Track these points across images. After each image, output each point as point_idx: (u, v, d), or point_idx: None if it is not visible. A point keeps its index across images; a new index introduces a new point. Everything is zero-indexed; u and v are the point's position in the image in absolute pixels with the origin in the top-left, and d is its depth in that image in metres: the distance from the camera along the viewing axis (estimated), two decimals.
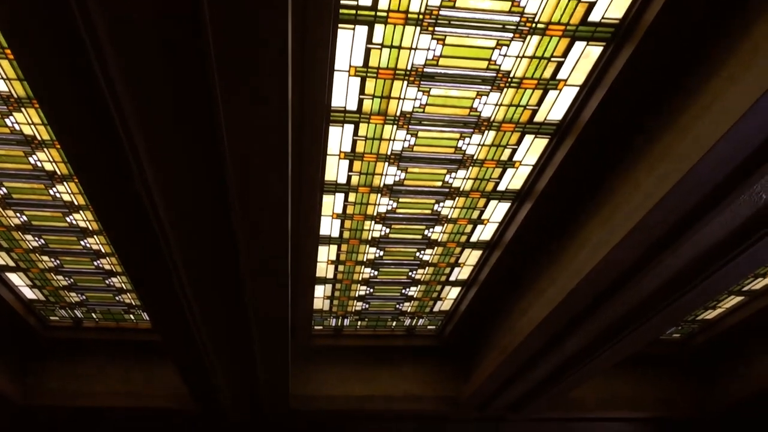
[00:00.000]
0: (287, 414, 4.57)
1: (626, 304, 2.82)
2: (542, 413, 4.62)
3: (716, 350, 4.34)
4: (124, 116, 1.78)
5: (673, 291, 2.65)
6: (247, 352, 3.33)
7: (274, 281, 2.61)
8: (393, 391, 4.48)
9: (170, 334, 3.15)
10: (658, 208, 2.06)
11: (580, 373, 3.67)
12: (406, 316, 4.19)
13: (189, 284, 2.67)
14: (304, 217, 2.91)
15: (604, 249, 2.37)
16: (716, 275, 2.48)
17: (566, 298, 2.73)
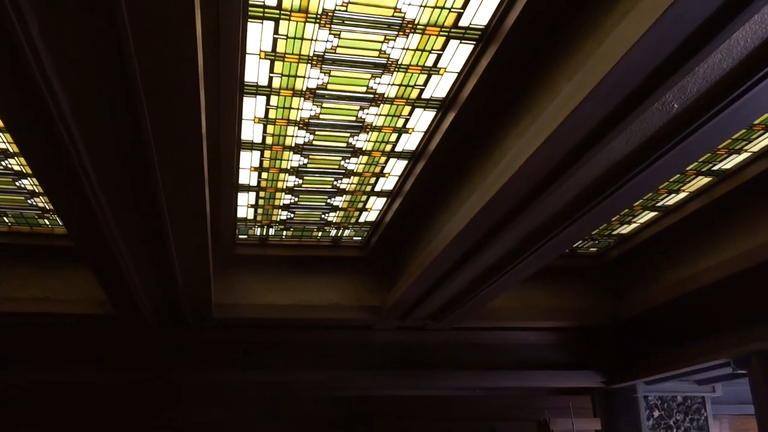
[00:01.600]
0: (211, 323, 4.58)
1: (542, 214, 2.88)
2: (462, 323, 4.76)
3: (629, 263, 4.52)
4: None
5: (587, 201, 2.72)
6: (164, 258, 3.28)
7: (190, 183, 2.54)
8: (318, 301, 4.53)
9: (83, 239, 3.06)
10: (571, 118, 2.07)
11: (499, 283, 3.77)
12: (331, 226, 4.19)
13: (100, 188, 2.57)
14: (224, 120, 2.82)
15: (520, 159, 2.39)
16: (629, 185, 2.54)
17: (484, 208, 2.76)
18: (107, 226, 2.88)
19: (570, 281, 4.79)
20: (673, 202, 3.84)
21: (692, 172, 3.52)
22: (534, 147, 2.29)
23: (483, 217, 2.86)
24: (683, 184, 3.63)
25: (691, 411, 4.95)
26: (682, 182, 3.61)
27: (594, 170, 2.46)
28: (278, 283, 4.50)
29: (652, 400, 4.93)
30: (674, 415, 4.92)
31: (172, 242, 3.06)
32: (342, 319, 4.64)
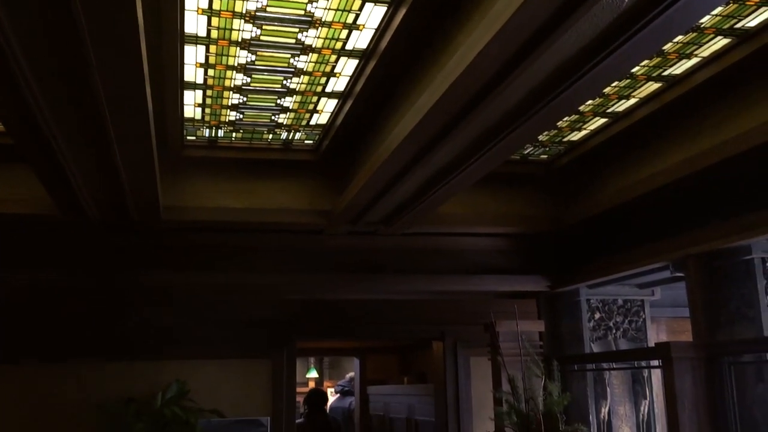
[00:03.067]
0: (159, 226, 4.54)
1: (493, 114, 2.87)
2: (413, 228, 4.81)
3: (578, 170, 4.58)
4: None
5: (538, 99, 2.71)
6: (108, 157, 3.19)
7: (129, 77, 2.45)
8: (269, 204, 4.51)
9: (21, 136, 2.95)
10: (519, 13, 2.03)
11: (449, 186, 3.80)
12: (282, 129, 4.13)
13: (34, 79, 2.47)
14: (165, 11, 2.70)
15: (469, 56, 2.35)
16: (577, 84, 2.54)
17: (434, 107, 2.74)
18: (45, 122, 2.79)
19: (520, 188, 4.85)
20: (623, 108, 3.87)
21: (642, 78, 3.53)
22: (482, 43, 2.25)
23: (433, 116, 2.84)
24: (633, 89, 3.64)
25: (630, 313, 5.16)
26: (632, 87, 3.63)
27: (544, 68, 2.44)
28: (229, 187, 4.46)
29: (593, 303, 5.12)
30: (614, 317, 5.13)
31: (114, 140, 2.97)
32: (293, 223, 4.65)
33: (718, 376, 3.64)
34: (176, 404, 4.93)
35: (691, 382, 3.64)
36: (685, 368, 3.65)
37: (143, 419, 4.75)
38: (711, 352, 3.67)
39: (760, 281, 3.53)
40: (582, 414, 4.89)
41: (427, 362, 7.41)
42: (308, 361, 13.90)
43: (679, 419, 3.59)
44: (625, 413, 4.96)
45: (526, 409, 4.43)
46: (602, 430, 4.91)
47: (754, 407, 3.49)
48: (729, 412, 3.57)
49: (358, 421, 9.26)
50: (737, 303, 3.63)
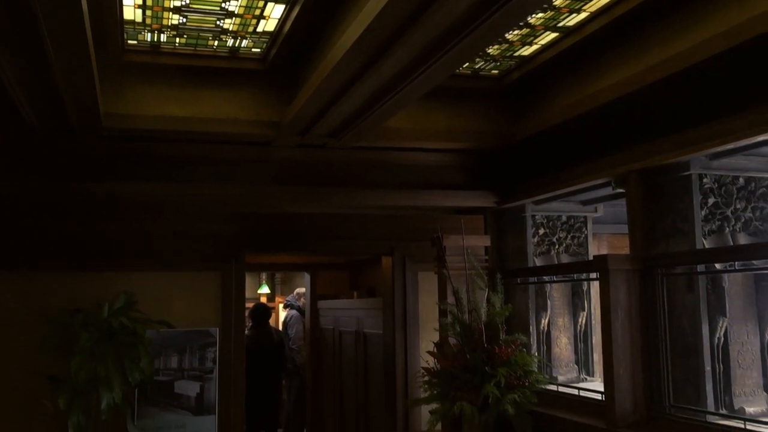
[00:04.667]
0: (101, 133, 4.41)
1: (440, 23, 2.83)
2: (363, 141, 4.79)
3: (528, 86, 4.59)
4: None
5: (482, 10, 2.67)
6: (42, 58, 3.07)
7: None
8: (215, 114, 4.42)
9: None
10: None
11: (398, 98, 3.76)
12: (228, 35, 4.00)
13: None
14: None
15: None
16: None
17: (381, 12, 2.67)
18: None
19: (470, 103, 4.84)
20: (573, 22, 3.84)
21: None
22: None
23: (380, 22, 2.78)
24: (584, 2, 3.62)
25: (573, 229, 5.30)
26: (583, 1, 3.60)
27: None
28: (173, 95, 4.34)
29: (538, 219, 5.22)
30: (557, 233, 5.25)
31: (46, 34, 2.84)
32: (240, 134, 4.58)
33: (651, 287, 3.80)
34: (124, 315, 4.93)
35: (626, 293, 3.79)
36: (620, 279, 3.78)
37: (90, 329, 4.74)
38: (646, 265, 3.80)
39: (696, 197, 3.64)
40: (523, 325, 5.07)
41: (377, 277, 7.53)
42: (260, 277, 13.98)
43: (612, 327, 3.75)
44: (564, 324, 5.16)
45: (469, 320, 4.58)
46: (541, 339, 5.10)
47: (683, 316, 3.66)
48: (659, 320, 3.74)
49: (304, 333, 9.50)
50: (673, 218, 3.75)
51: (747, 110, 3.18)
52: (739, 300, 3.62)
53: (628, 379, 3.74)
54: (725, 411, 3.48)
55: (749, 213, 3.69)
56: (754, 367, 3.60)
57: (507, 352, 4.34)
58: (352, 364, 7.71)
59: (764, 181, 3.71)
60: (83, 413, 4.54)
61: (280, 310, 12.41)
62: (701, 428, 3.38)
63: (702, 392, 3.53)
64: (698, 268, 3.60)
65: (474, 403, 4.24)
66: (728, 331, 3.58)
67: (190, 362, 5.35)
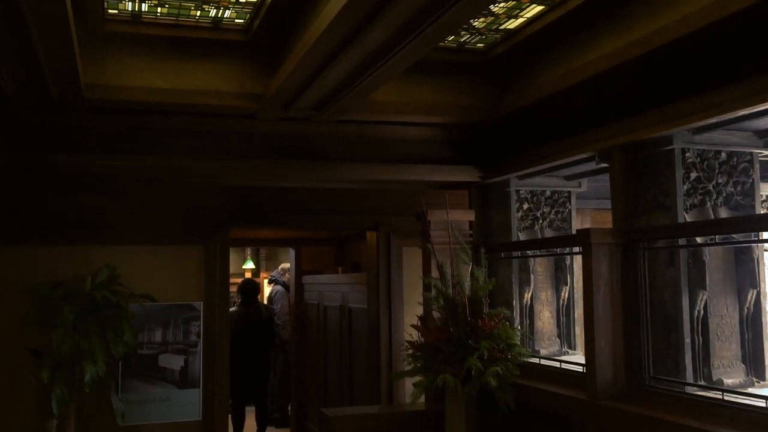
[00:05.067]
0: (82, 105, 4.36)
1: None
2: (347, 115, 4.76)
3: (513, 59, 4.57)
4: None
5: None
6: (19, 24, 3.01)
7: None
8: (198, 86, 4.38)
9: None
10: None
11: (382, 70, 3.75)
12: (211, 5, 3.95)
13: None
14: None
15: None
16: None
17: None
18: None
19: (455, 77, 4.82)
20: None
21: None
22: None
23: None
24: None
25: (557, 204, 5.31)
26: None
27: None
28: (155, 66, 4.29)
29: (522, 194, 5.24)
30: (541, 208, 5.27)
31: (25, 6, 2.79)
32: (223, 107, 4.54)
33: (632, 261, 3.82)
34: (106, 289, 4.91)
35: (608, 267, 3.82)
36: (603, 253, 3.81)
37: (72, 303, 4.72)
38: (628, 238, 3.83)
39: (678, 171, 3.66)
40: (506, 299, 5.10)
41: (361, 253, 7.54)
42: (245, 252, 13.97)
43: (594, 300, 3.78)
44: (547, 298, 5.20)
45: (453, 293, 4.60)
46: (525, 313, 5.14)
47: (664, 290, 3.69)
48: (641, 294, 3.78)
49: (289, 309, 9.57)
50: (655, 192, 3.77)
51: (730, 84, 3.19)
52: (719, 273, 3.66)
53: (609, 352, 3.78)
54: (704, 382, 3.53)
55: (731, 187, 3.72)
56: (733, 340, 3.65)
57: (490, 326, 4.37)
58: (337, 338, 7.75)
59: (746, 155, 3.74)
60: (66, 386, 4.54)
61: (264, 286, 12.41)
62: (680, 399, 3.43)
63: (681, 364, 3.58)
64: (679, 241, 3.63)
65: (457, 375, 4.28)
66: (708, 304, 3.62)
67: (174, 336, 5.35)
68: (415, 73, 4.54)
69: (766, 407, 3.00)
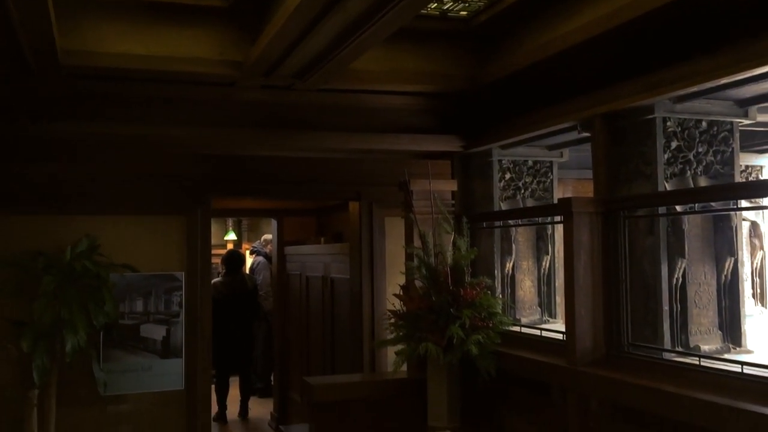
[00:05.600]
0: (59, 72, 4.28)
1: None
2: (329, 83, 4.72)
3: (496, 28, 4.54)
4: None
5: None
6: None
7: None
8: (178, 53, 4.31)
9: None
10: None
11: (364, 38, 3.71)
12: None
13: None
14: None
15: None
16: None
17: None
18: None
19: (438, 46, 4.79)
20: None
21: None
22: None
23: None
24: None
25: (539, 174, 5.33)
26: None
27: None
28: (134, 32, 4.22)
29: (505, 163, 5.24)
30: (523, 178, 5.29)
31: None
32: (203, 74, 4.48)
33: (613, 230, 3.85)
34: (87, 259, 4.87)
35: (589, 235, 3.84)
36: (584, 222, 3.83)
37: (52, 272, 4.68)
38: (609, 207, 3.85)
39: (659, 140, 3.67)
40: (488, 268, 5.13)
41: (344, 223, 7.53)
42: (226, 223, 13.91)
43: (575, 269, 3.81)
44: (528, 267, 5.24)
45: (435, 263, 4.62)
46: (506, 283, 5.18)
47: (644, 258, 3.73)
48: (621, 262, 3.81)
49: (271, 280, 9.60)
50: (637, 161, 3.79)
51: (711, 53, 3.20)
52: (698, 242, 3.70)
53: (588, 319, 3.82)
54: (681, 349, 3.59)
55: (710, 156, 3.75)
56: (711, 307, 3.71)
57: (472, 295, 4.40)
58: (319, 308, 7.77)
59: (726, 124, 3.76)
60: (47, 356, 4.52)
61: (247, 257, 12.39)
62: (657, 365, 3.49)
63: (659, 331, 3.63)
64: (659, 210, 3.66)
65: (439, 344, 4.31)
66: (686, 271, 3.67)
67: (155, 306, 5.33)
68: (398, 42, 4.50)
69: (741, 372, 3.06)
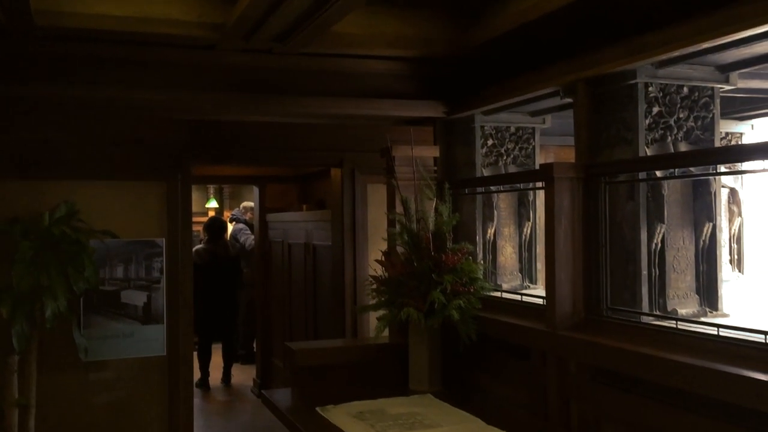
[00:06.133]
0: (33, 33, 4.19)
1: None
2: (310, 47, 4.65)
3: None
4: None
5: None
6: None
7: None
8: (156, 14, 4.22)
9: None
10: None
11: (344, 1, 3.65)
12: None
13: None
14: None
15: None
16: None
17: None
18: None
19: (421, 9, 4.72)
20: None
21: None
22: None
23: None
24: None
25: (521, 141, 5.32)
26: None
27: None
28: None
29: (487, 130, 5.23)
30: (506, 144, 5.28)
31: None
32: (182, 36, 4.40)
33: (594, 195, 3.86)
34: (65, 224, 4.83)
35: (569, 201, 3.85)
36: (565, 187, 3.83)
37: (30, 238, 4.64)
38: (590, 173, 3.85)
39: (641, 105, 3.67)
40: (470, 235, 5.15)
41: (326, 190, 7.52)
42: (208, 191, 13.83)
43: (556, 234, 3.83)
44: (510, 234, 5.26)
45: (417, 229, 4.62)
46: (488, 249, 5.20)
47: (624, 223, 3.75)
48: (601, 227, 3.83)
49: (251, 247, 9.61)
50: (618, 126, 3.79)
51: (694, 17, 3.18)
52: (677, 207, 3.73)
53: (568, 284, 3.85)
54: (659, 312, 3.63)
55: (691, 122, 3.76)
56: (688, 272, 3.75)
57: (453, 260, 4.41)
58: (302, 275, 7.79)
59: (707, 90, 3.76)
60: (27, 322, 4.50)
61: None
62: (635, 328, 3.53)
63: (638, 295, 3.67)
64: (640, 175, 3.67)
65: (420, 309, 4.33)
66: (665, 237, 3.70)
67: (136, 272, 5.32)
68: (380, 5, 4.45)
69: (717, 335, 3.10)
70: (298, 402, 4.41)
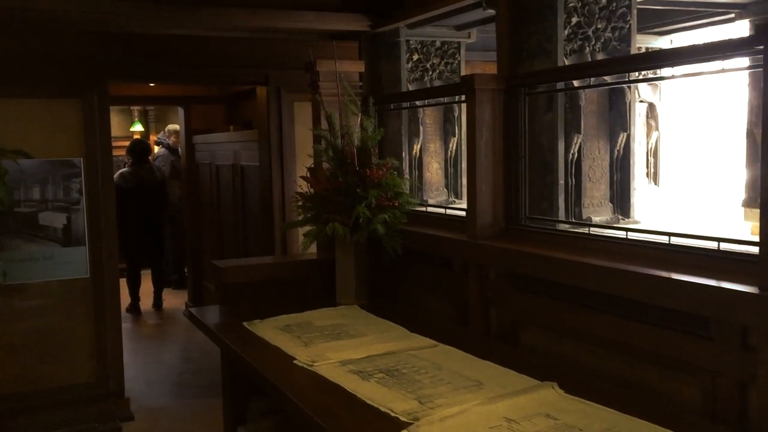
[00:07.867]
0: None
1: None
2: None
3: None
4: None
5: None
6: None
7: None
8: None
9: None
10: None
11: None
12: None
13: None
14: None
15: None
16: None
17: None
18: None
19: None
20: None
21: None
22: None
23: None
24: None
25: (447, 56, 5.30)
26: None
27: None
28: None
29: (413, 44, 5.18)
30: (431, 59, 5.25)
31: None
32: None
33: (514, 107, 3.90)
34: None
35: (491, 112, 3.88)
36: (486, 99, 3.85)
37: None
38: (510, 84, 3.88)
39: (560, 16, 3.68)
40: (396, 151, 5.16)
41: (253, 110, 7.38)
42: (132, 114, 13.37)
43: (477, 146, 3.87)
44: (436, 150, 5.29)
45: (342, 144, 4.59)
46: (414, 165, 5.23)
47: (542, 134, 3.82)
48: (520, 138, 3.89)
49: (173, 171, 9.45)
50: (538, 38, 3.80)
51: None
52: (594, 118, 3.81)
53: (489, 195, 3.92)
54: (574, 220, 3.75)
55: (608, 33, 3.80)
56: (603, 181, 3.86)
57: (378, 175, 4.42)
58: (230, 197, 7.71)
59: (624, 0, 3.80)
60: None
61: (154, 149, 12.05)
62: (552, 236, 3.65)
63: (555, 204, 3.78)
64: (558, 86, 3.72)
65: (346, 224, 4.35)
66: (582, 147, 3.79)
67: (54, 193, 5.16)
68: None
69: (625, 238, 3.24)
70: (225, 318, 4.43)
